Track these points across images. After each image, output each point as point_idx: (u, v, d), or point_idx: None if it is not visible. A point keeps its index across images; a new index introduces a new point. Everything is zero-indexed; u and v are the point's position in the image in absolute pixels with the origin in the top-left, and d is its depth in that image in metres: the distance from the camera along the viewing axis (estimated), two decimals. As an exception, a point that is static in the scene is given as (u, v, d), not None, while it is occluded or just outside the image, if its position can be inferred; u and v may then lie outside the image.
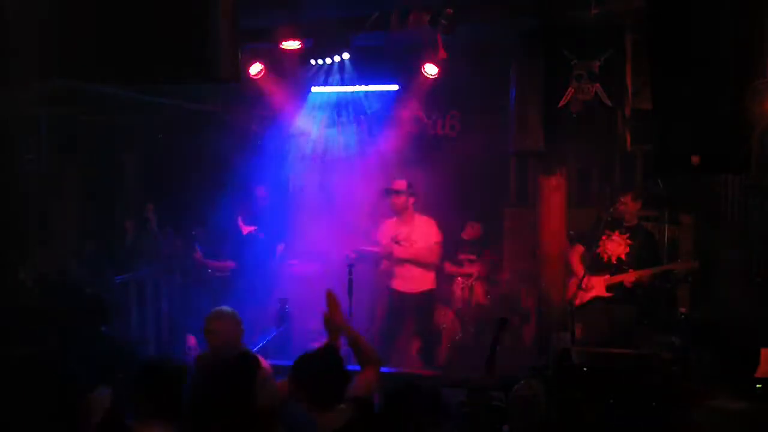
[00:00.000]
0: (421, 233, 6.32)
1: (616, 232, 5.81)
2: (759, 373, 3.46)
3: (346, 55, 6.41)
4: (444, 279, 7.59)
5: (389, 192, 6.34)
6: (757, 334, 3.26)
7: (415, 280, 6.40)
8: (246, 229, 7.00)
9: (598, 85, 5.41)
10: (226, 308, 4.14)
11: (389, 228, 6.43)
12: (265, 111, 7.88)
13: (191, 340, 5.88)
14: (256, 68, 6.95)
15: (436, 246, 6.34)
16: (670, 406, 3.12)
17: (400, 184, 6.34)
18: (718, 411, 2.93)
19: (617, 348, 5.06)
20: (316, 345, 3.76)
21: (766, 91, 3.94)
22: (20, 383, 3.71)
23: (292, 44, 6.30)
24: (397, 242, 6.36)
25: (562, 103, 5.49)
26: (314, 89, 7.83)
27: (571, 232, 6.24)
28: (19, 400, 3.60)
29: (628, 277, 5.71)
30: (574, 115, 5.45)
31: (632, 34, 5.21)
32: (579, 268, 5.95)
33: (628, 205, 5.75)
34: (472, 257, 7.46)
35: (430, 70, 6.36)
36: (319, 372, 3.07)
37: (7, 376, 3.74)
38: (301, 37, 6.24)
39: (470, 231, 7.56)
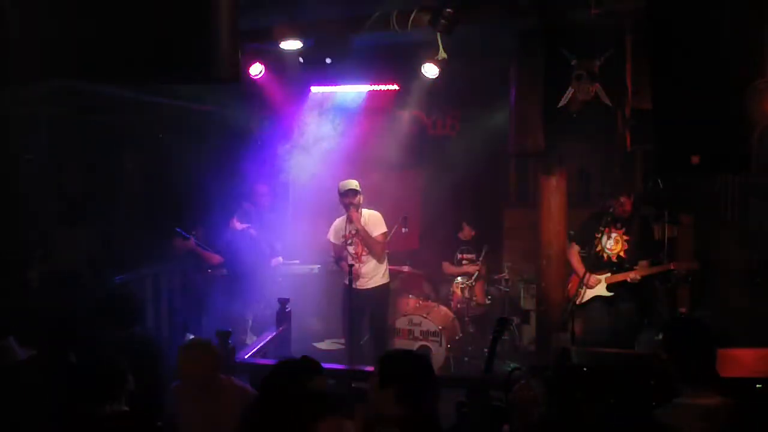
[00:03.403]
0: (368, 226, 6.39)
1: (613, 229, 5.82)
2: (747, 373, 3.49)
3: (345, 55, 6.41)
4: (444, 279, 7.60)
5: (346, 191, 6.34)
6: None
7: (367, 276, 6.45)
8: (240, 227, 7.03)
9: (598, 85, 5.41)
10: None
11: (339, 226, 6.51)
12: (265, 111, 7.88)
13: None
14: (256, 68, 6.95)
15: (380, 237, 6.39)
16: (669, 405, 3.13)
17: (355, 183, 6.40)
18: (693, 407, 2.94)
19: (617, 348, 5.07)
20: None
21: (766, 91, 3.94)
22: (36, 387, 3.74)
23: (292, 44, 6.31)
24: (348, 243, 6.44)
25: (562, 103, 5.49)
26: (314, 89, 7.84)
27: (571, 232, 6.25)
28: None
29: (631, 275, 5.72)
30: (574, 115, 5.46)
31: (632, 34, 5.21)
32: (579, 267, 5.95)
33: (622, 202, 5.76)
34: (471, 257, 7.48)
35: (430, 70, 6.36)
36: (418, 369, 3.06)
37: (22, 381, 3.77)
38: (301, 37, 6.25)
39: (466, 231, 7.58)
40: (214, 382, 3.80)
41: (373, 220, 6.44)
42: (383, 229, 6.44)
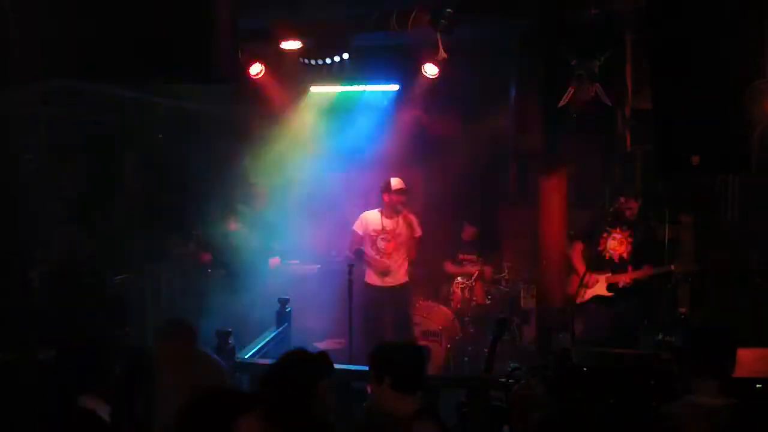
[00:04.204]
0: (406, 227, 6.56)
1: (618, 230, 5.81)
2: (747, 373, 3.49)
3: (345, 55, 6.41)
4: (444, 279, 7.60)
5: (400, 190, 6.52)
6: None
7: (390, 275, 6.61)
8: (234, 228, 7.04)
9: (598, 85, 5.41)
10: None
11: (371, 220, 6.63)
12: (265, 111, 7.88)
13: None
14: (256, 68, 6.94)
15: (418, 239, 6.63)
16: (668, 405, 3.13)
17: (402, 183, 6.53)
18: (698, 406, 2.94)
19: (617, 348, 5.07)
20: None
21: (766, 91, 3.94)
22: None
23: (292, 44, 6.31)
24: (385, 239, 6.60)
25: (562, 103, 5.49)
26: (314, 89, 7.83)
27: (571, 232, 6.24)
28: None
29: (625, 278, 5.72)
30: (574, 115, 5.46)
31: (632, 34, 5.21)
32: (580, 266, 5.95)
33: (629, 204, 5.75)
34: (472, 257, 7.47)
35: (430, 70, 6.36)
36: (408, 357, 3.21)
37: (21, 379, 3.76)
38: (301, 37, 6.24)
39: (469, 231, 7.57)
40: (191, 355, 3.91)
41: (414, 223, 6.64)
42: (420, 231, 6.67)
